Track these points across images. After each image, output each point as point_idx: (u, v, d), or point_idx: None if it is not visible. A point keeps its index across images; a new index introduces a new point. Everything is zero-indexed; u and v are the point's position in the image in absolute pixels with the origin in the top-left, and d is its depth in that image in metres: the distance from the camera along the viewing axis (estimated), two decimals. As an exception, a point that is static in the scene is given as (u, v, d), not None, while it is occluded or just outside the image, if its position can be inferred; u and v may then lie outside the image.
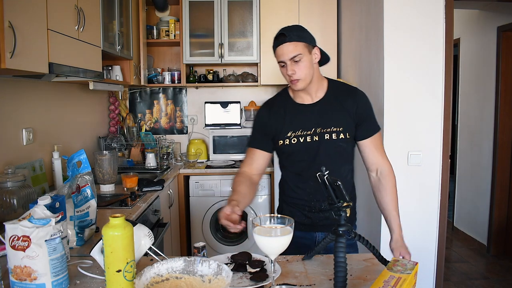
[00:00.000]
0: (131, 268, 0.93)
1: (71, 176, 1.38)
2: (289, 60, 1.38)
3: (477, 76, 3.93)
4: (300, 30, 1.40)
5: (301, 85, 1.42)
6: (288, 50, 1.37)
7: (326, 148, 1.44)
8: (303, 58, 1.38)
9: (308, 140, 1.45)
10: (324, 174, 1.04)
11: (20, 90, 2.06)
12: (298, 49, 1.37)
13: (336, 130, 1.44)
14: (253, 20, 3.35)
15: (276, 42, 1.41)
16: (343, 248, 0.99)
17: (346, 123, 1.45)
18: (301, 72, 1.39)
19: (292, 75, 1.39)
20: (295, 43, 1.37)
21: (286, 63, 1.39)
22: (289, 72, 1.39)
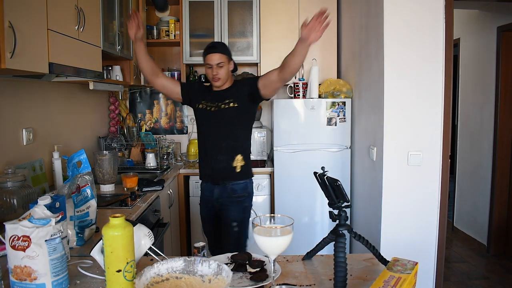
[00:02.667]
0: (131, 268, 0.93)
1: (71, 176, 1.38)
2: (215, 65, 2.07)
3: (477, 76, 3.93)
4: (225, 47, 2.16)
5: (219, 83, 2.11)
6: (216, 57, 2.07)
7: (221, 113, 2.09)
8: (223, 65, 2.09)
9: (211, 109, 2.11)
10: (324, 174, 1.04)
11: (20, 90, 2.07)
12: (222, 58, 2.08)
13: (228, 101, 2.10)
14: (253, 20, 3.35)
15: (208, 51, 2.09)
16: (343, 248, 1.00)
17: (237, 96, 2.10)
18: (221, 74, 2.09)
19: (215, 75, 2.08)
20: (220, 54, 2.08)
21: (213, 67, 2.07)
22: (214, 72, 2.08)
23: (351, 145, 3.13)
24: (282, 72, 1.96)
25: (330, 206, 1.06)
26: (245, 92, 2.10)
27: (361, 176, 2.93)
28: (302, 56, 1.85)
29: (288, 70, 1.92)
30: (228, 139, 2.10)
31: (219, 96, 2.13)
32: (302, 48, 1.81)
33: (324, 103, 3.09)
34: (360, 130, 2.93)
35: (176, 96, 2.21)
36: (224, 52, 2.10)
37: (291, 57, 1.88)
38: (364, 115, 2.83)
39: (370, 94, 2.66)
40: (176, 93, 2.20)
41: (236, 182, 2.13)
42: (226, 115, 2.09)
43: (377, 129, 2.49)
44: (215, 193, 2.15)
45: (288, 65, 1.91)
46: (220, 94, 2.14)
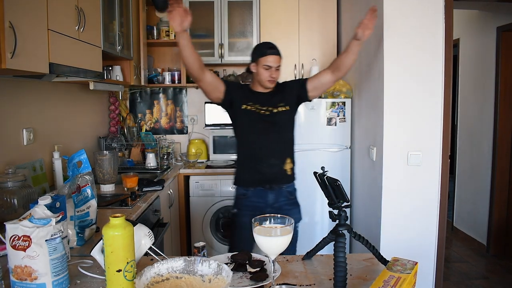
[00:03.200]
0: (131, 268, 0.93)
1: (71, 176, 1.38)
2: (275, 67, 1.98)
3: (477, 76, 3.93)
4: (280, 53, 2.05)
5: (273, 85, 2.04)
6: (277, 59, 1.98)
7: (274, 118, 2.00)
8: (280, 69, 2.02)
9: (262, 112, 2.00)
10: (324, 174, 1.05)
11: (20, 90, 2.07)
12: (280, 61, 2.01)
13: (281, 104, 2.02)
14: (253, 20, 3.35)
15: (271, 51, 1.98)
16: (343, 248, 1.00)
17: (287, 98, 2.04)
18: (277, 76, 2.02)
19: (274, 78, 1.99)
20: (280, 57, 2.00)
21: (272, 68, 1.97)
22: (273, 75, 1.98)
23: (351, 145, 3.13)
24: (336, 73, 2.02)
25: (330, 206, 1.06)
26: (294, 94, 2.07)
27: (361, 176, 2.93)
28: (356, 54, 2.00)
29: (344, 70, 2.02)
30: (280, 143, 2.04)
31: (268, 99, 2.04)
32: (356, 46, 1.98)
33: (324, 103, 3.09)
34: (360, 130, 2.93)
35: (218, 95, 2.02)
36: (280, 55, 2.03)
37: (346, 57, 1.99)
38: (364, 115, 2.83)
39: (370, 94, 2.67)
40: (220, 91, 2.01)
41: (290, 185, 2.08)
42: (279, 119, 2.02)
43: (377, 129, 2.49)
44: (270, 199, 2.03)
45: (344, 65, 2.00)
46: (269, 97, 2.04)
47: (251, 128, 2.04)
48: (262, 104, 2.02)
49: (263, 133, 2.02)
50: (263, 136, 2.02)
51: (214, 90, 2.01)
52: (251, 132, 2.05)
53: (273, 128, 2.01)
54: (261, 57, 1.98)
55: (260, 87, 2.05)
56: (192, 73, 1.93)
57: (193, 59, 1.87)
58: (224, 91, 2.01)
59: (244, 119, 2.04)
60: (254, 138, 2.04)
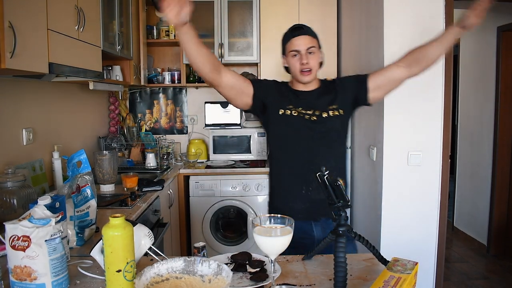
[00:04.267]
0: (131, 268, 0.93)
1: (71, 176, 1.38)
2: (305, 50, 1.50)
3: (477, 76, 3.93)
4: (313, 30, 1.58)
5: (310, 77, 1.54)
6: (306, 41, 1.51)
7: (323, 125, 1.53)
8: (315, 52, 1.53)
9: (307, 118, 1.53)
10: (324, 174, 1.04)
11: (20, 90, 2.06)
12: (313, 42, 1.53)
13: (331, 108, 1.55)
14: (253, 20, 3.35)
15: (293, 33, 1.54)
16: (343, 248, 0.99)
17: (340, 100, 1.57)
18: (313, 63, 1.52)
19: (306, 64, 1.50)
20: (311, 37, 1.53)
21: (301, 53, 1.50)
22: (303, 60, 1.49)
23: (351, 145, 3.13)
24: (413, 68, 1.55)
25: (330, 206, 1.06)
26: (350, 94, 1.58)
27: (361, 176, 2.93)
28: (449, 47, 1.54)
29: (425, 64, 1.55)
30: (331, 159, 1.53)
31: (315, 100, 1.56)
32: (454, 36, 1.50)
33: (324, 103, 3.08)
34: (360, 130, 2.93)
35: (246, 100, 1.56)
36: (314, 35, 1.55)
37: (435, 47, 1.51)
38: (364, 115, 2.83)
39: (370, 94, 2.66)
40: (247, 95, 1.55)
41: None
42: (330, 127, 1.53)
43: (377, 129, 2.49)
44: (316, 233, 1.54)
45: (428, 57, 1.53)
46: (316, 97, 1.57)
47: (292, 140, 1.55)
48: (307, 106, 1.54)
49: (308, 146, 1.52)
50: (309, 149, 1.52)
51: (238, 95, 1.54)
52: (293, 145, 1.55)
53: (323, 139, 1.53)
54: (286, 43, 1.57)
55: (301, 85, 1.58)
56: (204, 76, 1.45)
57: (201, 59, 1.38)
58: (253, 94, 1.55)
59: (283, 127, 1.56)
60: (297, 153, 1.54)
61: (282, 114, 1.54)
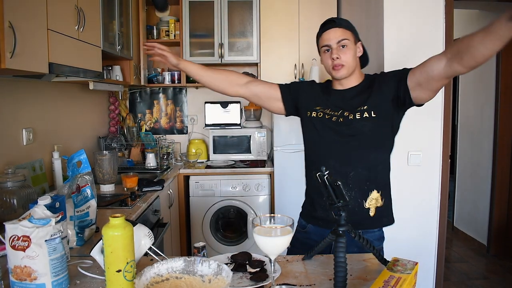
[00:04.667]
0: (131, 268, 0.93)
1: (71, 176, 1.38)
2: (336, 44, 1.39)
3: (477, 76, 3.93)
4: (349, 22, 1.45)
5: (344, 72, 1.41)
6: (336, 34, 1.39)
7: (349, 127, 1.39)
8: (349, 45, 1.40)
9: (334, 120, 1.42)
10: (324, 174, 1.04)
11: (20, 90, 2.06)
12: (346, 35, 1.40)
13: (362, 109, 1.39)
14: (253, 20, 3.35)
15: (324, 28, 1.43)
16: (343, 248, 0.99)
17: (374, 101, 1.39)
18: (346, 58, 1.39)
19: (336, 59, 1.39)
20: (343, 29, 1.40)
21: (332, 48, 1.40)
22: (334, 55, 1.39)
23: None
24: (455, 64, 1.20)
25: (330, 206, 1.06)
26: (388, 93, 1.39)
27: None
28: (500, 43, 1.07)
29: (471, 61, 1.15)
30: (359, 166, 1.39)
31: (344, 99, 1.45)
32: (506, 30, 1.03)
33: (324, 103, 3.08)
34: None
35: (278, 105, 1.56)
36: (348, 27, 1.42)
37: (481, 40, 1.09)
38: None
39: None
40: (275, 99, 1.55)
41: (369, 231, 1.42)
42: (357, 130, 1.39)
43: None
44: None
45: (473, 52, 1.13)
46: (347, 96, 1.45)
47: (317, 143, 1.47)
48: (336, 106, 1.44)
49: (331, 150, 1.42)
50: (333, 154, 1.42)
51: (268, 101, 1.57)
52: (317, 149, 1.47)
53: (347, 143, 1.40)
54: (318, 40, 1.47)
55: (338, 83, 1.48)
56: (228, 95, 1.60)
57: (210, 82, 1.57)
58: (281, 98, 1.54)
59: (309, 130, 1.50)
60: (319, 156, 1.46)
61: (309, 116, 1.48)
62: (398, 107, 1.41)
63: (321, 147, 1.46)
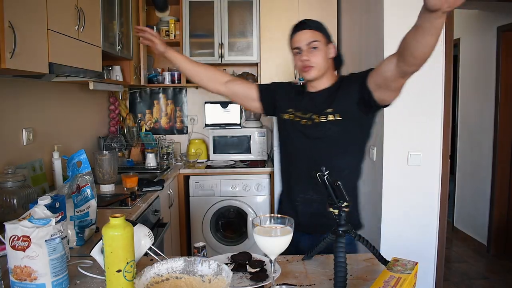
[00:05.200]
0: (131, 268, 0.93)
1: (71, 176, 1.38)
2: (306, 46, 1.39)
3: (477, 76, 3.93)
4: (320, 23, 1.44)
5: (314, 74, 1.40)
6: (306, 36, 1.39)
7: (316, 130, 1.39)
8: (319, 46, 1.39)
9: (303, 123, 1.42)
10: (324, 174, 1.04)
11: (20, 90, 2.06)
12: (316, 36, 1.39)
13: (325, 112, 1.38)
14: (253, 20, 3.35)
15: (295, 29, 1.43)
16: (343, 248, 0.99)
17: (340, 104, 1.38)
18: (315, 59, 1.38)
19: (305, 61, 1.39)
20: (313, 31, 1.40)
21: (302, 49, 1.40)
22: (303, 57, 1.38)
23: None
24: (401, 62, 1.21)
25: (330, 206, 1.06)
26: (355, 96, 1.37)
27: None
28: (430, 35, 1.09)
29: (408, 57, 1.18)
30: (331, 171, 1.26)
31: (314, 102, 1.44)
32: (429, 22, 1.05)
33: (324, 103, 3.08)
34: (360, 130, 2.92)
35: (254, 104, 1.58)
36: (318, 29, 1.41)
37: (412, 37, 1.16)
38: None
39: (370, 94, 2.66)
40: (252, 99, 1.56)
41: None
42: (324, 133, 1.38)
43: (377, 129, 2.49)
44: (301, 244, 1.41)
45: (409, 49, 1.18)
46: (316, 99, 1.44)
47: (286, 146, 1.51)
48: (306, 109, 1.44)
49: (299, 153, 1.44)
50: (300, 157, 1.43)
51: (245, 100, 1.61)
52: (287, 152, 1.51)
53: (314, 146, 1.40)
54: (290, 42, 1.46)
55: (310, 85, 1.48)
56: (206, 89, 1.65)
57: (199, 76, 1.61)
58: (258, 97, 1.56)
59: (281, 132, 1.53)
60: (290, 160, 1.49)
61: (282, 118, 1.50)
62: (365, 109, 1.38)
63: (292, 149, 1.47)
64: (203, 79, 1.62)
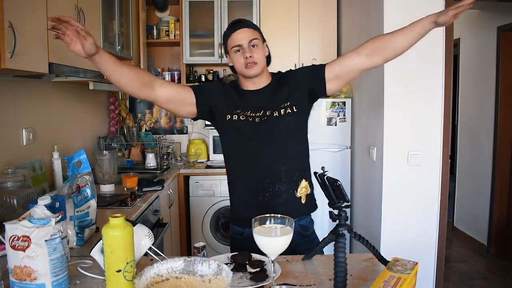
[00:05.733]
0: (131, 268, 0.93)
1: (71, 176, 1.38)
2: (247, 44, 1.43)
3: (477, 76, 3.93)
4: (254, 24, 1.53)
5: (256, 70, 1.44)
6: (247, 34, 1.43)
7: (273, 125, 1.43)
8: (259, 44, 1.45)
9: (257, 120, 1.44)
10: (324, 174, 1.04)
11: (20, 90, 2.06)
12: (255, 35, 1.45)
13: (283, 106, 1.45)
14: (253, 20, 3.34)
15: (233, 28, 1.45)
16: (343, 248, 0.99)
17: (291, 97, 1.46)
18: (258, 56, 1.43)
19: (250, 57, 1.42)
20: (252, 29, 1.46)
21: (243, 47, 1.43)
22: (246, 54, 1.42)
23: (351, 145, 3.13)
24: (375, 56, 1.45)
25: (330, 206, 1.06)
26: (306, 87, 1.48)
27: (361, 176, 2.93)
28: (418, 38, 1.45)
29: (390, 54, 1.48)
30: (288, 160, 1.45)
31: (265, 98, 1.47)
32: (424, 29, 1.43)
33: (324, 103, 3.09)
34: (360, 130, 2.93)
35: (190, 108, 1.48)
36: (256, 28, 1.48)
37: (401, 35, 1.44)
38: (364, 115, 2.83)
39: (370, 94, 2.66)
40: (189, 103, 1.47)
41: (304, 218, 1.51)
42: (282, 126, 1.44)
43: (377, 129, 2.49)
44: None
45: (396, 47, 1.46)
46: (266, 95, 1.48)
47: (242, 146, 1.48)
48: (256, 107, 1.46)
49: (260, 150, 1.44)
50: (263, 153, 1.44)
51: (179, 105, 1.48)
52: (243, 151, 1.48)
53: (275, 140, 1.44)
54: (227, 40, 1.47)
55: (250, 83, 1.49)
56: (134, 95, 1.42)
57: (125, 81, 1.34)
58: (196, 102, 1.47)
59: (231, 134, 1.49)
60: (247, 159, 1.47)
61: (229, 120, 1.46)
62: (311, 100, 1.51)
63: (248, 149, 1.46)
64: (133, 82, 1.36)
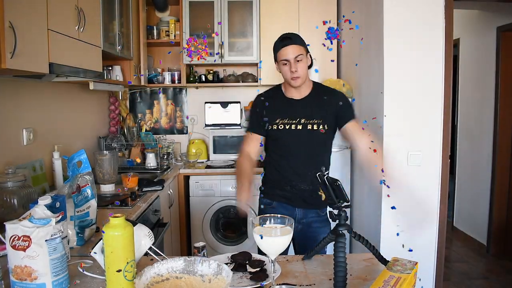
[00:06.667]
0: (131, 268, 0.93)
1: (71, 176, 1.38)
2: (293, 59, 1.67)
3: (477, 76, 3.93)
4: (301, 38, 1.75)
5: (300, 82, 1.71)
6: (294, 50, 1.67)
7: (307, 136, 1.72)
8: (303, 59, 1.69)
9: (293, 127, 1.73)
10: (324, 174, 1.05)
11: (20, 90, 2.07)
12: (301, 51, 1.69)
13: (317, 122, 1.73)
14: (253, 20, 3.35)
15: (282, 44, 1.71)
16: (343, 248, 1.00)
17: (326, 116, 1.73)
18: (301, 70, 1.69)
19: (295, 72, 1.67)
20: (299, 46, 1.69)
21: (290, 62, 1.68)
22: (293, 68, 1.67)
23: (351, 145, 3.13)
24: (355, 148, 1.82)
25: (330, 206, 1.06)
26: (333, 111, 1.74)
27: (361, 176, 2.93)
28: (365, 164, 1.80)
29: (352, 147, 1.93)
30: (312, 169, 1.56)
31: (300, 109, 1.75)
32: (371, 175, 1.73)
33: (324, 103, 3.08)
34: (360, 130, 2.92)
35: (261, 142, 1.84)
36: (302, 43, 1.72)
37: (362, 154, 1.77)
38: (364, 115, 2.83)
39: (370, 94, 2.66)
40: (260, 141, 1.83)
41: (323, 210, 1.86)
42: (314, 138, 1.74)
43: (377, 129, 2.49)
44: (298, 214, 1.83)
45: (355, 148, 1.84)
46: (302, 106, 1.75)
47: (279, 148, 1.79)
48: (293, 115, 1.74)
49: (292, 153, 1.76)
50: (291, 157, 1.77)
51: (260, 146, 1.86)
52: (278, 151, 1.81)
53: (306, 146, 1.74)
54: (276, 53, 1.74)
55: (294, 91, 1.77)
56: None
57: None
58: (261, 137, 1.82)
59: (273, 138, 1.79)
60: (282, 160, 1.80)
61: (271, 129, 1.76)
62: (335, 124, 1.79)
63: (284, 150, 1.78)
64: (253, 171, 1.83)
